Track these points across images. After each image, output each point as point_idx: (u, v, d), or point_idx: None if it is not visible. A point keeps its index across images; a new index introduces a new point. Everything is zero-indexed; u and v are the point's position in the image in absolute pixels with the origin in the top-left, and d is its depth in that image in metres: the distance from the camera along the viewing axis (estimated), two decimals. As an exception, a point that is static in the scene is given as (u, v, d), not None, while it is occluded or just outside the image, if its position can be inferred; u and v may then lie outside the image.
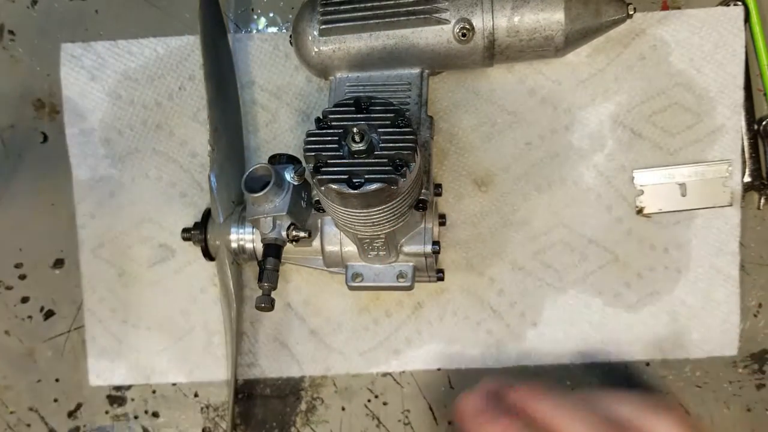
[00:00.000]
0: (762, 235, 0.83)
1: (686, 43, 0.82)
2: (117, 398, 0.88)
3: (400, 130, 0.63)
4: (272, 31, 0.85)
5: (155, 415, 0.87)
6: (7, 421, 0.88)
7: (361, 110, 0.64)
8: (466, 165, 0.84)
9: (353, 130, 0.62)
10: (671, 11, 0.82)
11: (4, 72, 0.86)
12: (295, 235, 0.74)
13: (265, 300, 0.73)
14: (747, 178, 0.83)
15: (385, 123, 0.63)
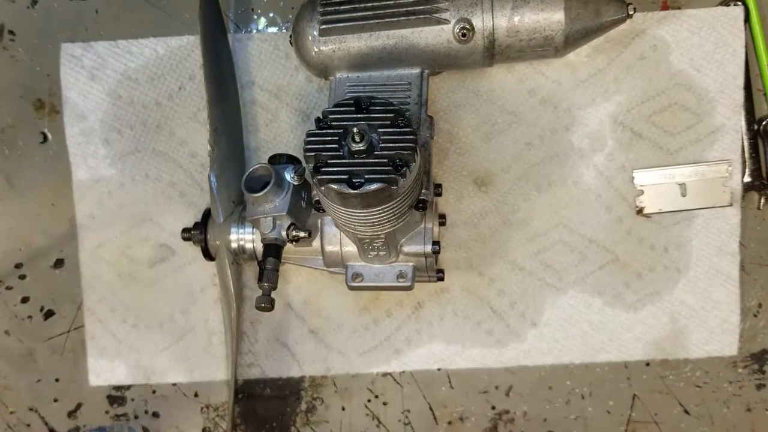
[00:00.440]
0: (762, 235, 0.83)
1: (686, 43, 0.82)
2: (117, 398, 0.88)
3: (400, 130, 0.63)
4: (272, 31, 0.85)
5: (155, 415, 0.87)
6: (7, 421, 0.88)
7: (361, 110, 0.65)
8: (466, 165, 0.84)
9: (353, 130, 0.62)
10: (671, 11, 0.82)
11: (4, 72, 0.86)
12: (295, 235, 0.74)
13: (265, 300, 0.73)
14: (747, 178, 0.83)
15: (385, 123, 0.64)
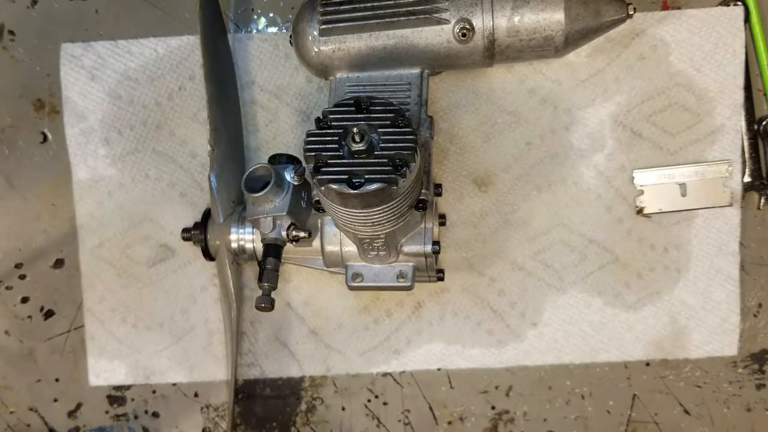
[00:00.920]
0: (762, 235, 0.83)
1: (686, 43, 0.82)
2: (117, 398, 0.88)
3: (400, 130, 0.63)
4: (272, 31, 0.85)
5: (155, 415, 0.87)
6: (7, 421, 0.88)
7: (361, 110, 0.64)
8: (466, 165, 0.84)
9: (353, 130, 0.62)
10: (671, 11, 0.82)
11: (4, 72, 0.86)
12: (295, 235, 0.74)
13: (265, 300, 0.73)
14: (747, 178, 0.83)
15: (385, 123, 0.63)
